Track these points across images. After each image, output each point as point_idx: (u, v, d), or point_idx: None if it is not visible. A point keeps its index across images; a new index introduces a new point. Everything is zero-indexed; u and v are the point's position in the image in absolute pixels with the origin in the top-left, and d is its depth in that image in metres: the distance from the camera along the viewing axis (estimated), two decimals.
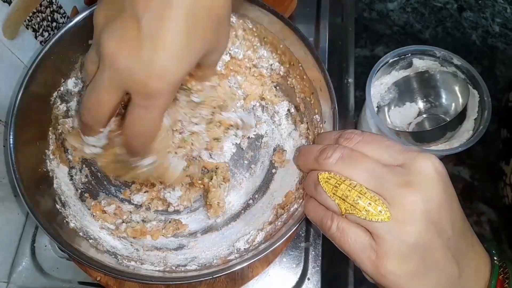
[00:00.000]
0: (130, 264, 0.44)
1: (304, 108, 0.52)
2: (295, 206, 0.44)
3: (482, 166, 0.72)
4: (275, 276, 0.50)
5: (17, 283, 0.52)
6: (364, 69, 0.80)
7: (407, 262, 0.30)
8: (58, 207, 0.46)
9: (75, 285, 0.52)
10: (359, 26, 0.85)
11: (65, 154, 0.50)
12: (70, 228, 0.45)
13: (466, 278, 0.33)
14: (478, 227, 0.68)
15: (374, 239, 0.31)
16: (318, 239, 0.52)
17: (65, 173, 0.50)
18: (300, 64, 0.49)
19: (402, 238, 0.30)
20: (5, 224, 0.52)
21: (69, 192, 0.49)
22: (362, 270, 0.33)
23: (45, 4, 0.55)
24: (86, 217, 0.48)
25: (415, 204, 0.30)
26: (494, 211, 0.68)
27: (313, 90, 0.48)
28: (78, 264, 0.47)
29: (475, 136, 0.53)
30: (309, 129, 0.50)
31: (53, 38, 0.46)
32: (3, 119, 0.50)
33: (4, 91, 0.50)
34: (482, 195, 0.70)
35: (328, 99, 0.45)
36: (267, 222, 0.47)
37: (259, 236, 0.45)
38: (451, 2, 0.85)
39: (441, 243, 0.31)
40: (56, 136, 0.49)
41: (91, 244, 0.45)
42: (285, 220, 0.44)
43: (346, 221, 0.32)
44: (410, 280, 0.30)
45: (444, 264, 0.31)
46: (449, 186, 0.32)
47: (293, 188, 0.48)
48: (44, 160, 0.47)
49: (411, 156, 0.32)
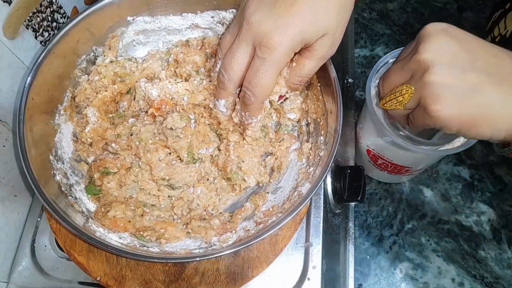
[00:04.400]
0: (98, 229, 0.45)
1: (313, 129, 0.52)
2: (273, 219, 0.45)
3: (482, 166, 0.72)
4: (275, 276, 0.50)
5: (17, 283, 0.52)
6: (364, 69, 0.80)
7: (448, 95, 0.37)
8: (51, 158, 0.47)
9: (75, 285, 0.52)
10: (359, 26, 0.85)
11: (76, 114, 0.53)
12: (55, 181, 0.46)
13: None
14: (478, 227, 0.68)
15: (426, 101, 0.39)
16: (318, 239, 0.52)
17: (70, 131, 0.52)
18: (319, 84, 0.50)
19: (429, 82, 0.38)
20: (5, 224, 0.52)
21: (67, 149, 0.51)
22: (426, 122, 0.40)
23: (45, 4, 0.55)
24: (74, 176, 0.50)
25: (426, 59, 0.38)
26: (494, 211, 0.68)
27: (324, 112, 0.49)
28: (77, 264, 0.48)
29: None
30: (311, 149, 0.51)
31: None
32: (3, 119, 0.50)
33: (4, 91, 0.50)
34: (482, 195, 0.70)
35: (335, 120, 0.46)
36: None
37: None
38: (451, 2, 0.85)
39: (470, 68, 0.37)
40: (73, 95, 0.52)
41: (70, 201, 0.46)
42: (260, 230, 0.44)
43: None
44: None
45: (479, 84, 0.37)
46: (455, 33, 0.39)
47: (280, 203, 0.49)
48: (54, 113, 0.50)
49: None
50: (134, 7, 0.52)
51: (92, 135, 0.52)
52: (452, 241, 0.67)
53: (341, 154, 0.62)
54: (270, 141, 0.52)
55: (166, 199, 0.51)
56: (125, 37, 0.55)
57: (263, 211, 0.49)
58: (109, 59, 0.54)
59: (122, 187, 0.50)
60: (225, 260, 0.48)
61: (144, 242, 0.46)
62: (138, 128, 0.51)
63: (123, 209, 0.48)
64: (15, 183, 0.53)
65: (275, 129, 0.54)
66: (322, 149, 0.48)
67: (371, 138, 0.59)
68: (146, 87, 0.53)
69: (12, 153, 0.53)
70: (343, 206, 0.59)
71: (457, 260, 0.66)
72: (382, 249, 0.67)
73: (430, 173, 0.72)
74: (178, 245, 0.47)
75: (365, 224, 0.69)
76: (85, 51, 0.52)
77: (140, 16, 0.53)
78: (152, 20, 0.54)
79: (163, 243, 0.46)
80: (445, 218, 0.69)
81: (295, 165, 0.52)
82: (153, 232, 0.47)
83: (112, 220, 0.46)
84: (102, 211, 0.47)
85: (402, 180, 0.71)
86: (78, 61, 0.52)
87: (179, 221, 0.49)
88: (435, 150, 0.54)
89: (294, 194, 0.47)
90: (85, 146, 0.52)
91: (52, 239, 0.54)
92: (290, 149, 0.53)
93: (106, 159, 0.50)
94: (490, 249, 0.66)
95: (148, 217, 0.49)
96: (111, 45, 0.54)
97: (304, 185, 0.47)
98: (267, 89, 0.42)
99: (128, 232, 0.47)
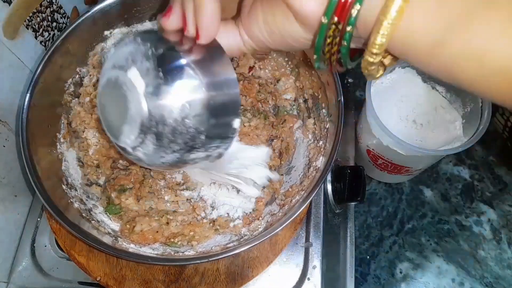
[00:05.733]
0: (130, 246, 0.45)
1: (312, 104, 0.52)
2: (296, 198, 0.45)
3: (482, 166, 0.72)
4: (275, 276, 0.50)
5: (17, 283, 0.52)
6: None
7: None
8: (63, 188, 0.47)
9: (75, 285, 0.52)
10: None
11: (75, 139, 0.52)
12: (74, 208, 0.46)
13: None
14: (478, 227, 0.68)
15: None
16: (318, 239, 0.52)
17: (74, 157, 0.52)
18: (309, 59, 0.50)
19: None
20: (5, 224, 0.52)
21: (76, 176, 0.50)
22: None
23: (45, 4, 0.55)
24: (90, 201, 0.49)
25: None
26: (494, 211, 0.68)
27: (321, 85, 0.49)
28: (77, 264, 0.47)
29: (475, 136, 0.53)
30: (315, 124, 0.51)
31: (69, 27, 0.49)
32: (3, 119, 0.50)
33: (4, 91, 0.50)
34: (482, 195, 0.70)
35: (334, 91, 0.46)
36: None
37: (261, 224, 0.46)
38: None
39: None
40: (68, 121, 0.52)
41: (93, 225, 0.46)
42: (286, 210, 0.45)
43: None
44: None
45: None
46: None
47: (298, 181, 0.49)
48: (55, 143, 0.50)
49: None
50: (109, 20, 0.52)
51: (97, 156, 0.52)
52: (452, 241, 0.67)
53: (341, 154, 0.62)
54: (272, 125, 0.53)
55: (186, 203, 0.51)
56: (106, 52, 0.54)
57: (283, 193, 0.49)
58: (95, 77, 0.53)
59: (139, 200, 0.50)
60: (225, 260, 0.48)
61: (177, 248, 0.46)
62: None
63: (148, 221, 0.47)
64: (15, 183, 0.53)
65: (274, 112, 0.55)
66: (327, 121, 0.48)
67: (371, 138, 0.60)
68: None
69: (12, 153, 0.53)
70: (343, 206, 0.59)
71: (457, 260, 0.66)
72: (382, 249, 0.67)
73: (430, 173, 0.72)
74: (210, 244, 0.47)
75: (365, 224, 0.69)
76: (70, 74, 0.52)
77: (117, 28, 0.53)
78: (129, 30, 0.54)
79: (195, 245, 0.47)
80: (445, 218, 0.69)
81: (302, 143, 0.53)
82: (183, 236, 0.47)
83: (140, 234, 0.46)
84: (128, 228, 0.47)
85: (402, 180, 0.71)
86: (65, 85, 0.52)
87: (204, 221, 0.49)
88: (435, 150, 0.54)
89: (310, 170, 0.48)
90: (92, 169, 0.52)
91: (52, 239, 0.54)
92: (293, 129, 0.53)
93: (119, 177, 0.50)
94: (490, 249, 0.66)
95: (174, 224, 0.49)
96: (94, 64, 0.53)
97: (318, 159, 0.47)
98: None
99: (158, 242, 0.47)
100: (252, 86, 0.52)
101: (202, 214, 0.50)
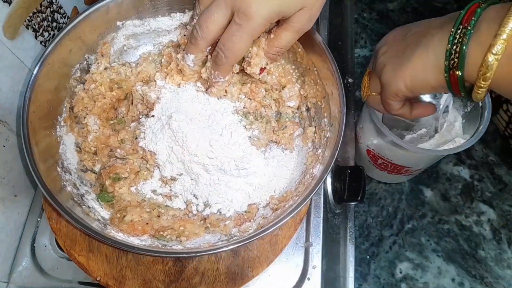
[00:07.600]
0: (118, 235, 0.45)
1: (314, 113, 0.52)
2: (290, 203, 0.45)
3: (482, 166, 0.72)
4: (275, 276, 0.50)
5: (17, 283, 0.52)
6: (364, 69, 0.80)
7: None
8: (59, 170, 0.47)
9: (75, 285, 0.52)
10: (359, 26, 0.85)
11: (76, 125, 0.53)
12: (66, 192, 0.46)
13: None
14: (478, 227, 0.68)
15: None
16: (318, 239, 0.52)
17: (72, 142, 0.52)
18: (316, 68, 0.50)
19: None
20: (5, 224, 0.52)
21: (72, 160, 0.51)
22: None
23: (45, 4, 0.55)
24: (83, 186, 0.49)
25: (376, 47, 0.47)
26: (494, 211, 0.68)
27: (325, 94, 0.50)
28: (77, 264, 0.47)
29: (475, 136, 0.53)
30: (316, 132, 0.51)
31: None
32: (3, 119, 0.50)
33: (4, 91, 0.50)
34: (482, 195, 0.70)
35: (337, 102, 0.46)
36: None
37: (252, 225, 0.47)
38: (451, 2, 0.85)
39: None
40: (70, 106, 0.52)
41: (84, 210, 0.46)
42: (279, 215, 0.45)
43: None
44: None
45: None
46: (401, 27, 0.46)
47: (293, 188, 0.48)
48: (55, 125, 0.50)
49: None
50: (122, 11, 0.52)
51: (95, 143, 0.52)
52: (452, 241, 0.67)
53: (341, 154, 0.62)
54: (273, 130, 0.53)
55: (179, 198, 0.51)
56: (116, 42, 0.55)
57: (277, 198, 0.49)
58: (103, 66, 0.54)
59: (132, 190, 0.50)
60: (225, 260, 0.48)
61: (165, 242, 0.46)
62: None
63: (139, 212, 0.48)
64: (15, 183, 0.53)
65: (276, 118, 0.55)
66: (328, 130, 0.48)
67: (371, 138, 0.60)
68: (144, 91, 0.53)
69: (12, 153, 0.53)
70: (343, 206, 0.59)
71: (457, 260, 0.66)
72: (382, 249, 0.67)
73: (430, 173, 0.72)
74: (199, 241, 0.47)
75: (365, 224, 0.69)
76: (78, 60, 0.52)
77: (129, 20, 0.54)
78: (141, 23, 0.55)
79: (184, 241, 0.47)
80: (445, 218, 0.69)
81: (301, 150, 0.52)
82: (173, 230, 0.47)
83: (130, 225, 0.46)
84: (118, 217, 0.47)
85: (402, 180, 0.71)
86: (72, 71, 0.52)
87: (195, 218, 0.49)
88: (435, 150, 0.54)
89: (306, 177, 0.48)
90: (89, 155, 0.52)
91: (52, 239, 0.54)
92: (294, 136, 0.53)
93: (115, 165, 0.50)
94: (490, 249, 0.66)
95: (165, 217, 0.49)
96: (103, 52, 0.54)
97: (315, 167, 0.47)
98: (239, 53, 0.44)
99: (147, 234, 0.47)
100: (258, 90, 0.53)
101: (194, 211, 0.50)
